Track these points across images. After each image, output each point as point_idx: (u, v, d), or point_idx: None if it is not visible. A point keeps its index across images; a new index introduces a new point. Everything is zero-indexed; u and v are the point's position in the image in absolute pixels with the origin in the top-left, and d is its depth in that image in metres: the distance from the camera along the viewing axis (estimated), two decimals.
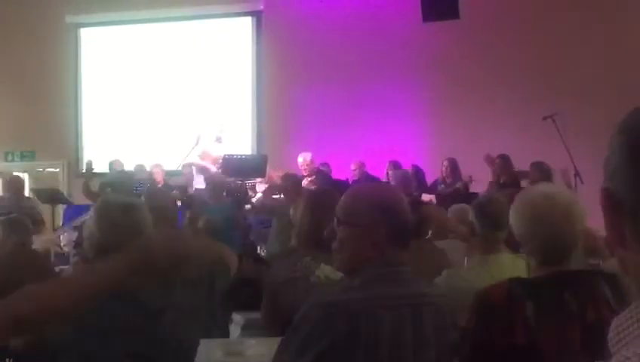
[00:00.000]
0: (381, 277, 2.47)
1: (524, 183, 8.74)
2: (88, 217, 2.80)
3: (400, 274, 2.49)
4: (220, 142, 10.83)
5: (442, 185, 9.76)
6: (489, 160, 9.47)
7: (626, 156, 1.01)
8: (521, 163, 9.50)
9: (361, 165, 10.73)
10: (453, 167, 9.96)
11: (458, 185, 9.60)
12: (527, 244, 2.62)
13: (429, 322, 2.42)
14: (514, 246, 3.96)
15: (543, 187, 2.88)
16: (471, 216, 3.91)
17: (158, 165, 10.96)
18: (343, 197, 2.58)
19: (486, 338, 2.47)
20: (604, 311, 2.34)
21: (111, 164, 11.27)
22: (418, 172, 10.09)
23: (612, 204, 1.03)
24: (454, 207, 5.88)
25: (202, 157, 10.65)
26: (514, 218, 2.66)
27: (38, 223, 9.16)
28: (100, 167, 11.80)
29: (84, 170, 10.31)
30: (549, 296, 2.43)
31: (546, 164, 8.66)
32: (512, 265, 3.61)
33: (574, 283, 2.45)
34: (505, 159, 9.59)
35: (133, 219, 2.70)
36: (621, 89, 10.08)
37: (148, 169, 10.99)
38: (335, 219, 2.55)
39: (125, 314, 2.58)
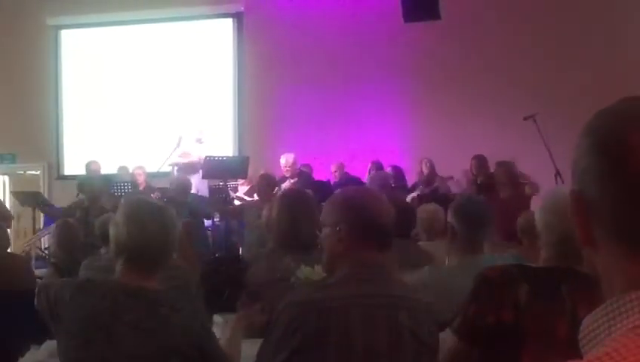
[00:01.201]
0: (354, 276, 2.49)
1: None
2: (115, 216, 2.80)
3: (374, 274, 2.50)
4: (201, 142, 10.82)
5: (420, 187, 9.78)
6: (466, 174, 9.54)
7: (595, 157, 1.01)
8: None
9: (341, 166, 10.74)
10: (431, 167, 10.01)
11: (436, 184, 9.63)
12: (544, 236, 2.68)
13: (406, 325, 2.43)
14: (497, 246, 3.98)
15: (565, 187, 2.93)
16: (450, 216, 3.87)
17: (140, 167, 10.92)
18: None
19: (476, 313, 2.51)
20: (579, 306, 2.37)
21: (87, 165, 11.19)
22: (398, 173, 10.11)
23: (581, 205, 1.04)
24: (423, 207, 5.84)
25: (183, 158, 10.64)
26: (539, 211, 2.74)
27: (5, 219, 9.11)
28: (81, 169, 11.78)
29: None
30: (544, 284, 2.46)
31: (511, 163, 8.73)
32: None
33: (575, 280, 2.47)
34: (480, 160, 9.63)
35: (162, 222, 2.70)
36: (601, 90, 10.13)
37: (131, 171, 10.96)
38: None
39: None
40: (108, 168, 11.36)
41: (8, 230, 6.59)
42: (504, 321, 2.43)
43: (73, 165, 13.28)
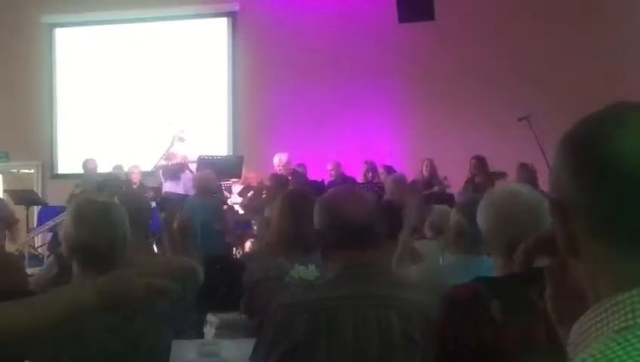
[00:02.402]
0: (343, 277, 2.50)
1: (499, 184, 8.80)
2: (64, 218, 2.79)
3: (364, 274, 2.51)
4: (183, 141, 10.71)
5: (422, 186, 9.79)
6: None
7: (569, 161, 1.03)
8: (497, 163, 9.57)
9: (338, 166, 10.74)
10: (432, 167, 10.03)
11: (436, 188, 9.64)
12: (493, 242, 2.62)
13: (398, 325, 2.44)
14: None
15: (509, 185, 2.89)
16: (456, 216, 3.86)
17: (135, 166, 10.91)
18: None
19: (453, 337, 2.47)
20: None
21: (84, 163, 11.17)
22: (391, 173, 10.11)
23: (562, 213, 1.04)
24: (437, 207, 5.85)
25: (168, 158, 10.55)
26: (480, 216, 2.65)
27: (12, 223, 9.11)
28: (75, 168, 11.77)
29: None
30: (515, 295, 2.43)
31: (531, 166, 8.77)
32: (488, 269, 3.61)
33: (539, 280, 2.44)
34: (480, 160, 9.66)
35: (109, 219, 2.70)
36: (595, 90, 10.16)
37: (126, 170, 10.94)
38: None
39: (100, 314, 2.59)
40: (102, 167, 11.34)
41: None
42: (485, 343, 2.40)
43: (67, 164, 13.27)
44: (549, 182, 1.08)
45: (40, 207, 11.37)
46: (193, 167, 10.31)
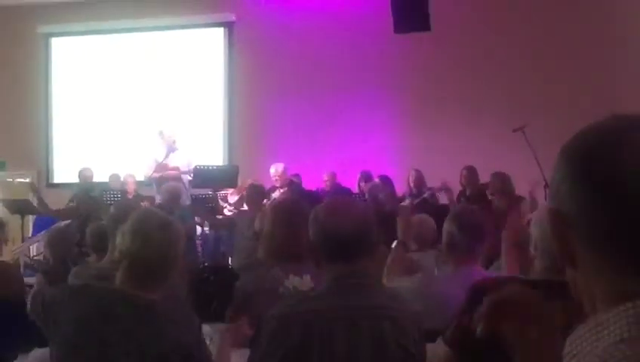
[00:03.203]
0: (335, 288, 2.50)
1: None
2: (124, 225, 2.82)
3: (354, 285, 2.52)
4: (174, 151, 10.62)
5: (410, 197, 9.78)
6: (444, 187, 9.54)
7: (568, 174, 1.04)
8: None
9: (333, 176, 10.74)
10: (419, 177, 10.00)
11: (426, 195, 9.63)
12: (540, 248, 2.69)
13: (391, 335, 2.44)
14: (487, 261, 3.98)
15: None
16: (447, 226, 3.86)
17: (130, 175, 10.89)
18: None
19: (470, 323, 2.50)
20: (573, 320, 2.35)
21: (80, 173, 11.16)
22: (386, 183, 10.11)
23: (560, 222, 1.05)
24: (417, 217, 5.82)
25: (157, 170, 10.47)
26: (535, 223, 2.77)
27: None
28: (71, 177, 11.75)
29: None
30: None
31: (506, 174, 8.77)
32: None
33: (548, 288, 2.47)
34: (471, 171, 9.65)
35: (167, 236, 2.72)
36: (590, 101, 10.19)
37: (122, 179, 10.92)
38: None
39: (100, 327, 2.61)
40: (98, 176, 11.33)
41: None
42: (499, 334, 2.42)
43: (63, 173, 13.25)
44: (549, 192, 1.09)
45: (35, 216, 11.34)
46: (185, 177, 10.29)
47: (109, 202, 9.45)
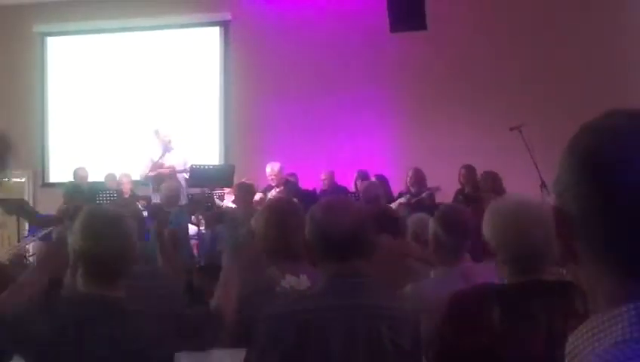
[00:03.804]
0: (331, 288, 2.50)
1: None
2: (74, 224, 2.80)
3: (349, 284, 2.51)
4: (170, 151, 10.59)
5: (407, 195, 9.76)
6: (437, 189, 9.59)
7: (575, 173, 1.03)
8: None
9: (331, 175, 10.75)
10: (418, 176, 9.98)
11: (424, 195, 9.62)
12: (502, 254, 2.61)
13: (388, 336, 2.43)
14: (477, 256, 3.97)
15: (514, 196, 2.89)
16: (433, 226, 3.86)
17: (126, 175, 10.88)
18: None
19: (452, 338, 2.48)
20: (572, 323, 2.33)
21: (75, 172, 11.14)
22: (383, 182, 10.10)
23: (564, 220, 1.05)
24: (414, 216, 5.81)
25: (152, 169, 10.46)
26: (487, 228, 2.65)
27: None
28: (67, 176, 11.73)
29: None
30: (517, 304, 2.44)
31: (496, 173, 8.79)
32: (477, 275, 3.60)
33: (545, 292, 2.45)
34: (469, 169, 9.65)
35: (119, 230, 2.70)
36: (587, 100, 10.19)
37: (118, 178, 10.91)
38: None
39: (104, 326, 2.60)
40: (94, 176, 11.32)
41: None
42: (481, 348, 2.41)
43: (59, 172, 13.23)
44: (554, 191, 1.08)
45: None
46: (181, 176, 10.28)
47: (103, 201, 9.43)
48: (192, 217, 9.64)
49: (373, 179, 10.42)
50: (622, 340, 0.94)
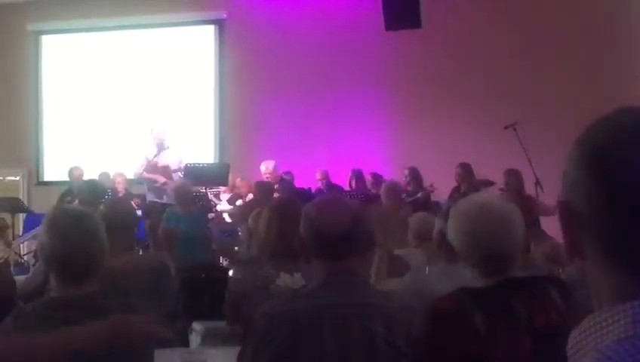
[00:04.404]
0: (325, 286, 2.50)
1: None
2: (40, 228, 2.77)
3: (343, 283, 2.51)
4: (164, 149, 10.46)
5: (404, 194, 9.77)
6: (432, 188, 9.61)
7: (584, 170, 1.02)
8: (483, 171, 9.58)
9: (327, 175, 10.74)
10: (415, 175, 9.99)
11: (420, 194, 9.63)
12: (468, 257, 2.60)
13: (382, 334, 2.43)
14: None
15: (476, 197, 2.87)
16: (439, 224, 3.85)
17: (120, 174, 10.85)
18: None
19: (437, 348, 2.47)
20: (554, 317, 2.34)
21: (70, 171, 11.12)
22: (378, 181, 10.12)
23: (570, 216, 1.04)
24: (416, 215, 5.80)
25: (148, 169, 10.40)
26: (451, 231, 2.63)
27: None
28: (61, 175, 11.71)
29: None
30: (498, 305, 2.42)
31: (518, 171, 8.80)
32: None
33: (522, 289, 2.45)
34: (465, 168, 9.66)
35: (86, 228, 2.68)
36: (581, 99, 10.22)
37: (111, 177, 10.88)
38: None
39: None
40: (88, 174, 11.29)
41: None
42: (469, 354, 2.40)
43: (53, 171, 13.21)
44: (562, 184, 1.07)
45: (26, 214, 11.31)
46: (176, 174, 10.23)
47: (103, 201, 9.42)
48: None
49: (368, 177, 10.45)
50: (625, 337, 0.93)
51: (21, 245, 10.54)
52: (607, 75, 10.94)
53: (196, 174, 9.66)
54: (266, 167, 10.02)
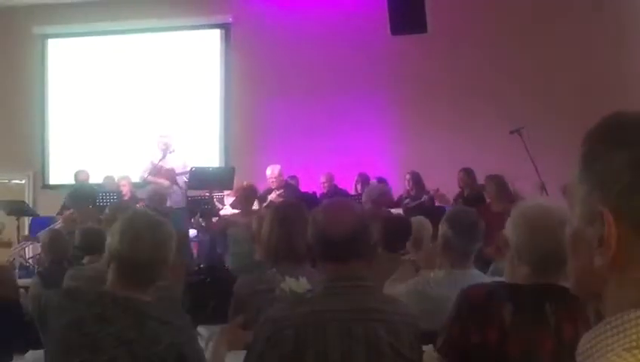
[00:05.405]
0: (330, 290, 2.50)
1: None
2: (114, 225, 2.80)
3: (352, 287, 2.51)
4: (170, 153, 10.51)
5: (408, 199, 9.77)
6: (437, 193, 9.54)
7: (630, 173, 0.95)
8: None
9: (331, 178, 10.73)
10: (416, 180, 9.98)
11: (424, 198, 9.62)
12: (524, 254, 2.60)
13: (386, 339, 2.43)
14: (482, 263, 3.96)
15: (536, 200, 2.90)
16: (443, 228, 3.83)
17: (125, 177, 10.84)
18: None
19: (461, 332, 2.49)
20: (582, 332, 2.33)
21: (76, 175, 11.14)
22: (385, 185, 10.10)
23: (623, 225, 0.96)
24: (414, 220, 5.75)
25: (153, 173, 10.42)
26: (512, 229, 2.65)
27: None
28: (67, 179, 11.72)
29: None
30: (529, 303, 2.44)
31: (502, 177, 8.73)
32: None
33: (559, 297, 2.45)
34: (468, 173, 9.65)
35: (157, 236, 2.70)
36: (587, 103, 10.19)
37: (116, 180, 10.89)
38: None
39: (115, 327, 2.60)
40: (94, 178, 11.30)
41: None
42: (489, 342, 2.41)
43: (59, 174, 13.22)
44: (600, 190, 0.99)
45: (31, 218, 11.32)
46: (181, 178, 10.25)
47: (101, 204, 9.43)
48: (192, 220, 9.65)
49: (374, 182, 10.43)
50: (636, 345, 0.91)
51: (27, 248, 10.55)
52: (613, 80, 10.91)
53: (201, 178, 9.66)
54: (271, 171, 10.00)
